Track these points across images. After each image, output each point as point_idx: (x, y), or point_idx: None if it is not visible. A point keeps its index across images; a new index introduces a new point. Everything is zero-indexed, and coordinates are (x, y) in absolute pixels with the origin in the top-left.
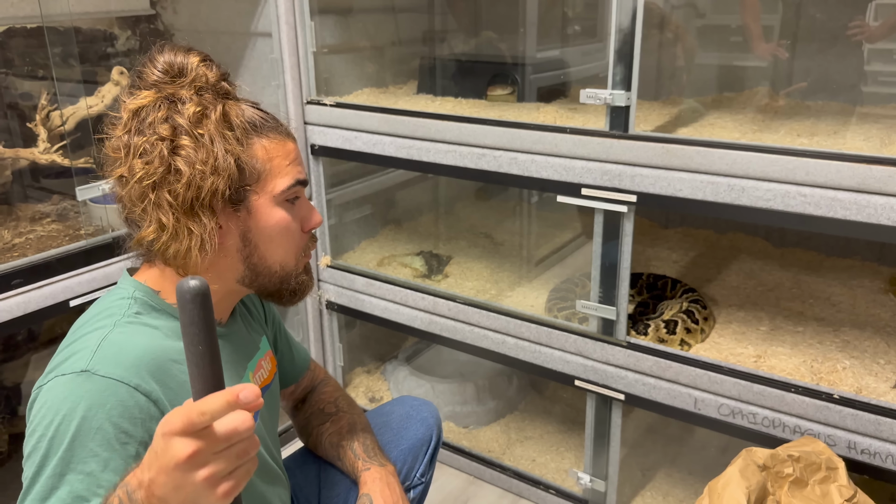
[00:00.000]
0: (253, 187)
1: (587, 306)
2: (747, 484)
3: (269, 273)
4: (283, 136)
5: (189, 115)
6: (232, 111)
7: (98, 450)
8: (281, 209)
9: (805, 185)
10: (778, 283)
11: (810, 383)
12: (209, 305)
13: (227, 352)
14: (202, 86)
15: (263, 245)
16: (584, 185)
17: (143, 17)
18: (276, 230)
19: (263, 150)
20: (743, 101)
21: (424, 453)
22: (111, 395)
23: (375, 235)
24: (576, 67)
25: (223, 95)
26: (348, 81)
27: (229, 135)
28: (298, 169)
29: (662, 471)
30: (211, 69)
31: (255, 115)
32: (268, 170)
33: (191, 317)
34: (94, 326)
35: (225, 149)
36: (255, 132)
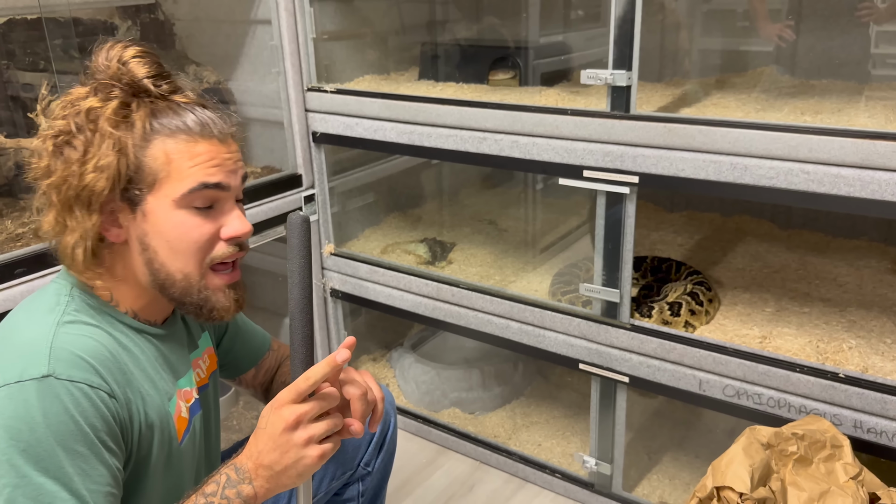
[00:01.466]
0: (146, 190)
1: (591, 289)
2: (751, 462)
3: (171, 281)
4: (196, 138)
5: (84, 110)
6: (139, 110)
7: (83, 450)
8: (183, 214)
9: (808, 162)
10: (784, 265)
11: (816, 363)
12: (309, 231)
13: (164, 353)
14: (116, 82)
15: (162, 251)
16: (585, 167)
17: (144, 7)
18: (173, 235)
19: (163, 153)
20: (747, 81)
21: (368, 442)
22: (81, 398)
23: (379, 223)
24: (579, 53)
25: (140, 93)
26: (349, 68)
27: (122, 134)
28: (209, 172)
29: (669, 454)
30: (141, 65)
31: (175, 115)
32: (167, 172)
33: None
34: (35, 324)
35: (112, 146)
36: (161, 133)
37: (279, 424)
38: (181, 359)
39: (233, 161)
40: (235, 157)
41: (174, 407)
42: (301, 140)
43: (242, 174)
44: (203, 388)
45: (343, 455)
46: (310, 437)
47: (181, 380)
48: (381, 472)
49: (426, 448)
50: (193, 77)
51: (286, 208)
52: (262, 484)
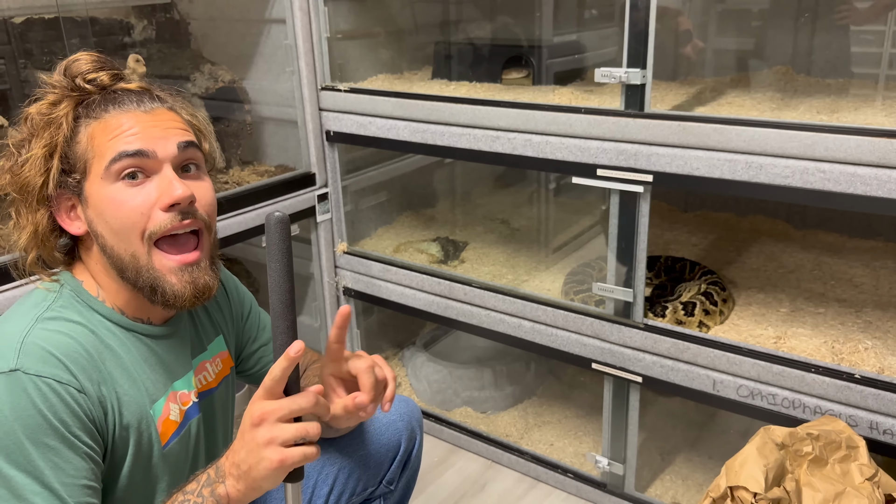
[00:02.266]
0: (80, 176)
1: (604, 288)
2: (765, 462)
3: (122, 264)
4: (117, 114)
5: (23, 118)
6: (64, 105)
7: (54, 443)
8: (113, 188)
9: (824, 160)
10: (799, 265)
11: (831, 363)
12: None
13: (158, 353)
14: (49, 88)
15: (107, 233)
16: (599, 166)
17: (159, 6)
18: (108, 213)
19: (87, 135)
20: (762, 80)
21: (392, 459)
22: (49, 392)
23: (392, 222)
24: (592, 52)
25: (74, 90)
26: (363, 68)
27: (51, 131)
28: (127, 140)
29: (682, 454)
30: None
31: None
32: (92, 153)
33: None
34: (17, 320)
35: (43, 146)
36: (87, 118)
37: (246, 420)
38: (180, 360)
39: (160, 129)
40: (165, 125)
41: (161, 409)
42: (315, 139)
43: (180, 142)
44: (208, 393)
45: (366, 470)
46: (272, 438)
47: (177, 382)
48: (404, 489)
49: (438, 447)
50: (209, 76)
51: (300, 206)
52: (233, 483)
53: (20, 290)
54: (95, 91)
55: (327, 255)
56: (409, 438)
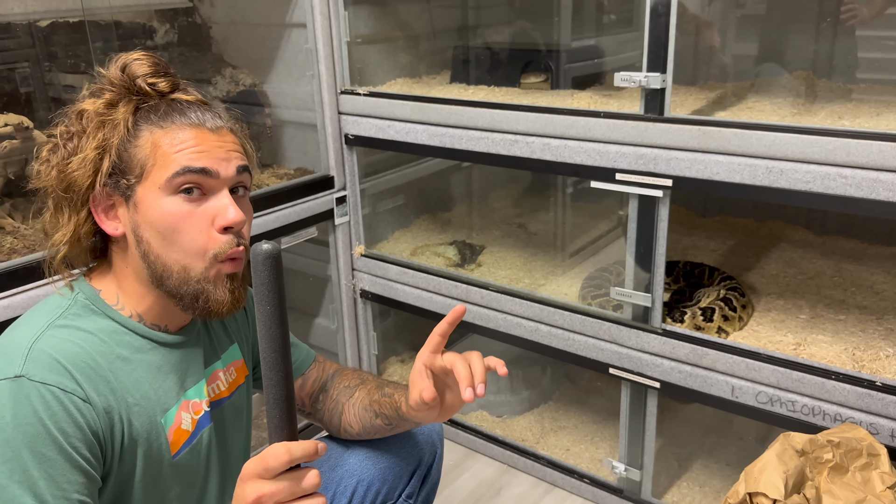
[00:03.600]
0: (135, 179)
1: (622, 293)
2: (785, 468)
3: (168, 274)
4: (182, 125)
5: (75, 112)
6: (126, 107)
7: (51, 454)
8: (170, 201)
9: (846, 166)
10: (819, 272)
11: (852, 370)
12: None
13: (171, 361)
14: (106, 86)
15: (154, 241)
16: (618, 170)
17: (181, 11)
18: (162, 224)
19: (150, 141)
20: (782, 85)
21: (412, 473)
22: (52, 400)
23: (409, 225)
24: (611, 57)
25: (134, 92)
26: (382, 72)
27: (106, 132)
28: (192, 156)
29: (699, 461)
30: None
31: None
32: (153, 160)
33: (261, 277)
34: (28, 326)
35: (96, 146)
36: (147, 122)
37: (240, 501)
38: (193, 369)
39: (224, 150)
40: (228, 146)
41: (172, 418)
42: (334, 142)
43: (239, 166)
44: (220, 402)
45: (385, 483)
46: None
47: (189, 391)
48: (423, 502)
49: (454, 450)
50: (230, 79)
51: (318, 209)
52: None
53: (41, 291)
54: (155, 96)
55: (345, 258)
56: (430, 452)
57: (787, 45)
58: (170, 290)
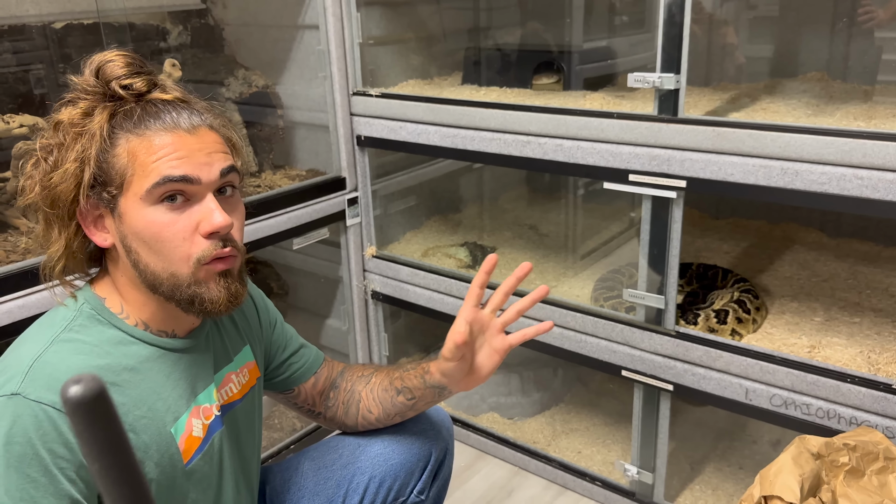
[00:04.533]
0: (115, 190)
1: (635, 295)
2: (800, 472)
3: (158, 281)
4: (160, 132)
5: (53, 124)
6: (99, 115)
7: (36, 475)
8: (153, 211)
9: (862, 167)
10: (833, 274)
11: (868, 373)
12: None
13: (180, 368)
14: (81, 94)
15: (141, 251)
16: (631, 171)
17: (195, 12)
18: (147, 234)
19: (127, 151)
20: (797, 86)
21: (423, 469)
22: (45, 420)
23: (420, 227)
24: (624, 58)
25: (109, 97)
26: (394, 73)
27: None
28: (171, 164)
29: (712, 464)
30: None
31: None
32: (132, 170)
33: (76, 429)
34: (33, 341)
35: (75, 157)
36: (124, 130)
37: None
38: (203, 374)
39: (204, 153)
40: (209, 148)
41: (183, 426)
42: (345, 143)
43: (223, 168)
44: (232, 405)
45: (396, 480)
46: None
47: (200, 396)
48: (435, 498)
49: (465, 452)
50: (242, 81)
51: (330, 210)
52: None
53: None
54: (131, 99)
55: (356, 259)
56: (441, 448)
57: (802, 47)
58: (165, 296)
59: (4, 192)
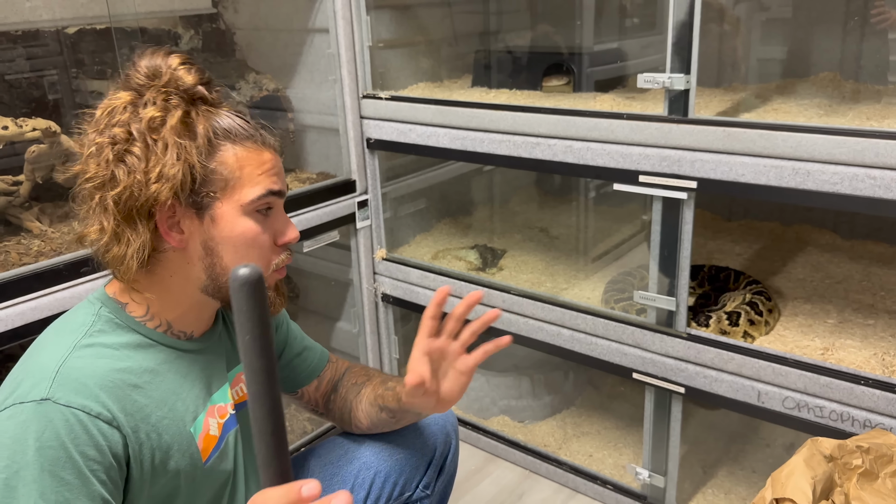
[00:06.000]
0: (218, 195)
1: (646, 297)
2: (813, 474)
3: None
4: (259, 146)
5: (146, 119)
6: (198, 118)
7: (70, 478)
8: (249, 219)
9: (875, 167)
10: (847, 276)
11: (882, 375)
12: (259, 294)
13: (197, 368)
14: (173, 90)
15: (227, 255)
16: (641, 172)
17: (206, 17)
18: (240, 241)
19: (234, 158)
20: (808, 86)
21: (427, 463)
22: (76, 424)
23: (430, 229)
24: (634, 60)
25: (195, 101)
26: (403, 76)
27: (185, 143)
28: (273, 179)
29: (724, 468)
30: (189, 73)
31: (234, 123)
32: (237, 178)
33: (238, 305)
34: (54, 347)
35: (177, 156)
36: (227, 139)
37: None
38: (217, 373)
39: (281, 168)
40: (281, 166)
41: (201, 425)
42: (355, 146)
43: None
44: (245, 404)
45: (402, 474)
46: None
47: (215, 395)
48: (441, 494)
49: (475, 455)
50: (253, 84)
51: (340, 213)
52: None
53: (66, 293)
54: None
55: (366, 262)
56: (445, 442)
57: (814, 47)
58: (226, 299)
59: (18, 195)
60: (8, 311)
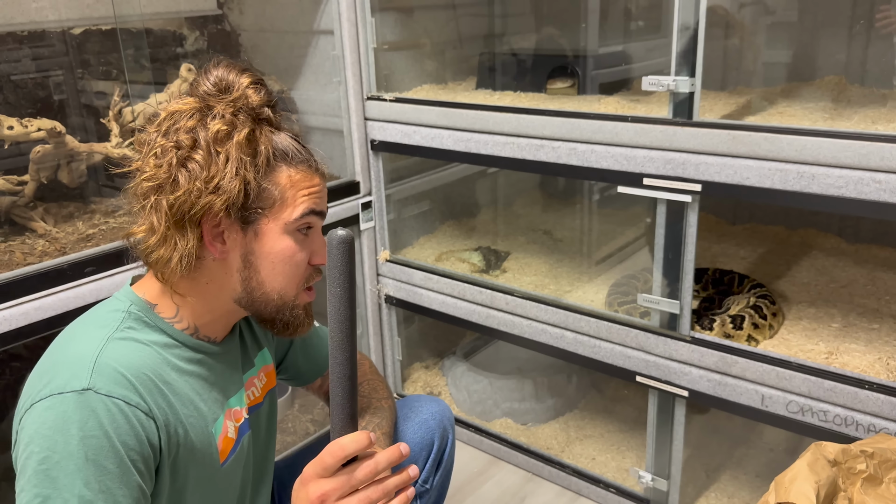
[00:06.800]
0: (266, 211)
1: (649, 300)
2: (816, 479)
3: (265, 299)
4: (311, 171)
5: (213, 131)
6: (261, 137)
7: (112, 467)
8: (290, 238)
9: (880, 171)
10: (852, 280)
11: (887, 380)
12: (351, 254)
13: (217, 371)
14: (241, 107)
15: (265, 270)
16: (645, 175)
17: (211, 18)
18: (279, 257)
19: (287, 179)
20: (813, 90)
21: (426, 459)
22: (118, 414)
23: (434, 231)
24: (639, 63)
25: (260, 120)
26: (408, 78)
27: (246, 159)
28: (316, 201)
29: (728, 472)
30: (259, 93)
31: (291, 145)
32: (286, 198)
33: (334, 261)
34: (86, 339)
35: (236, 170)
36: (283, 161)
37: (303, 501)
38: (233, 377)
39: (325, 193)
40: (325, 189)
41: (220, 428)
42: (360, 148)
43: None
44: (256, 407)
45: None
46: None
47: (231, 399)
48: (439, 489)
49: (477, 457)
50: None
51: (344, 214)
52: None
53: (70, 293)
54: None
55: (370, 263)
56: (442, 437)
57: (819, 51)
58: (261, 313)
59: (23, 195)
60: (12, 311)
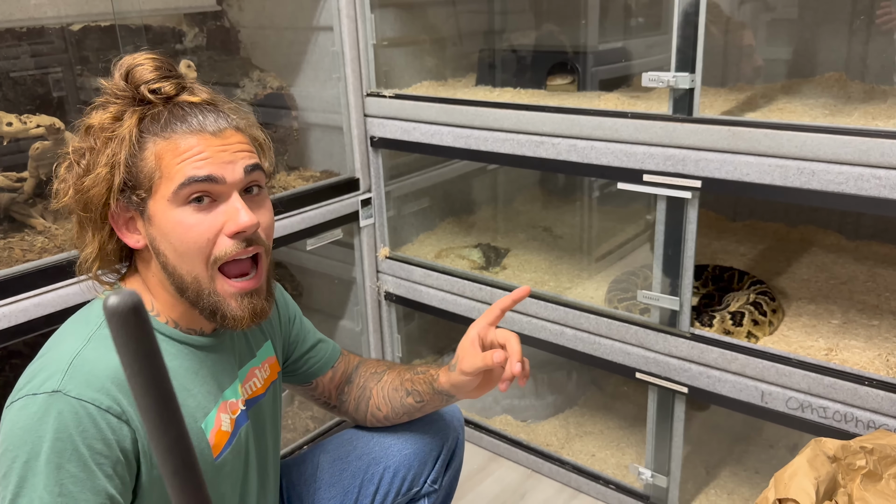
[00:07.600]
0: (148, 194)
1: (649, 296)
2: (816, 475)
3: (183, 284)
4: (186, 135)
5: (84, 128)
6: (129, 119)
7: (75, 471)
8: (180, 212)
9: (880, 167)
10: (852, 277)
11: (886, 376)
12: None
13: (208, 364)
14: (112, 98)
15: (170, 253)
16: (645, 171)
17: (210, 15)
18: (174, 236)
19: (154, 154)
20: (814, 86)
21: (435, 459)
22: (84, 417)
23: (434, 228)
24: (639, 60)
25: (139, 101)
26: (407, 75)
27: (114, 146)
28: (197, 165)
29: (727, 468)
30: (146, 72)
31: (169, 117)
32: (159, 173)
33: (114, 337)
34: (71, 338)
35: (105, 162)
36: (151, 137)
37: None
38: (228, 369)
39: (229, 153)
40: (234, 148)
41: (212, 422)
42: (359, 144)
43: (247, 166)
44: (256, 399)
45: (410, 469)
46: None
47: (226, 391)
48: (448, 489)
49: (477, 454)
50: (257, 82)
51: (343, 211)
52: None
53: (70, 290)
54: (160, 103)
55: (369, 260)
56: (452, 438)
57: (820, 47)
58: (191, 302)
59: (22, 191)
60: (11, 308)
